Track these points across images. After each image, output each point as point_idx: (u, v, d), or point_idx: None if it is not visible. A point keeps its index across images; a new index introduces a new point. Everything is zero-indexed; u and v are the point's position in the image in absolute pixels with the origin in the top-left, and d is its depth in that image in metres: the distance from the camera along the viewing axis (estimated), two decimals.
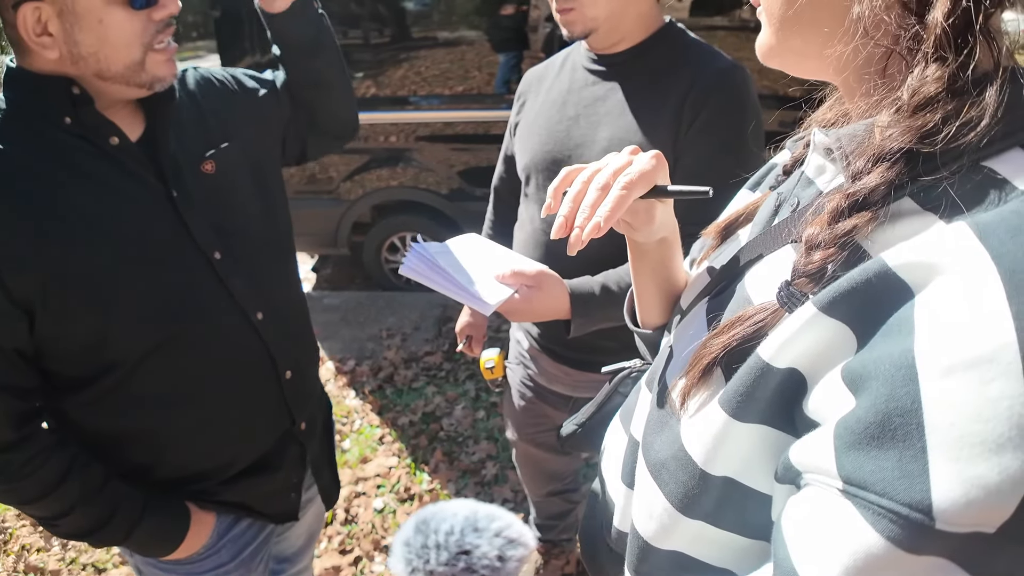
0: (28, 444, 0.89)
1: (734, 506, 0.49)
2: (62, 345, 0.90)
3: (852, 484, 0.37)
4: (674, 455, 0.52)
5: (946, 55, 0.41)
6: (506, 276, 1.05)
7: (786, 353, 0.43)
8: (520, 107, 1.40)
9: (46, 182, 0.85)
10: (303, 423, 1.16)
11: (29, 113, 0.87)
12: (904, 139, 0.41)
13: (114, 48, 0.85)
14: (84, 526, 0.96)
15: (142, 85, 0.90)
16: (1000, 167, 0.40)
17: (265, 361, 1.06)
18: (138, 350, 0.93)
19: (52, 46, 0.82)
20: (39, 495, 0.91)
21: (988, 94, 0.39)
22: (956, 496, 0.32)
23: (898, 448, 0.35)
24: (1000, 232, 0.36)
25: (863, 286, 0.39)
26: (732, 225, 0.67)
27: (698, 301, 0.63)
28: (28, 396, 0.90)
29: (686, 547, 0.53)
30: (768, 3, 0.51)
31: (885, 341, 0.37)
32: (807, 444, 0.41)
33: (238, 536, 1.14)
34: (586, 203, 0.58)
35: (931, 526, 0.33)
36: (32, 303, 0.84)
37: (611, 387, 0.85)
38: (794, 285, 0.46)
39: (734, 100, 1.11)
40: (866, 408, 0.37)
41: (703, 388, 0.51)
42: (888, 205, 0.43)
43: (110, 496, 0.96)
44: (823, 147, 0.52)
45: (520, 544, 0.94)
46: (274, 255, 1.11)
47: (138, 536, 0.99)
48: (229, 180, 1.04)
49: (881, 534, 0.34)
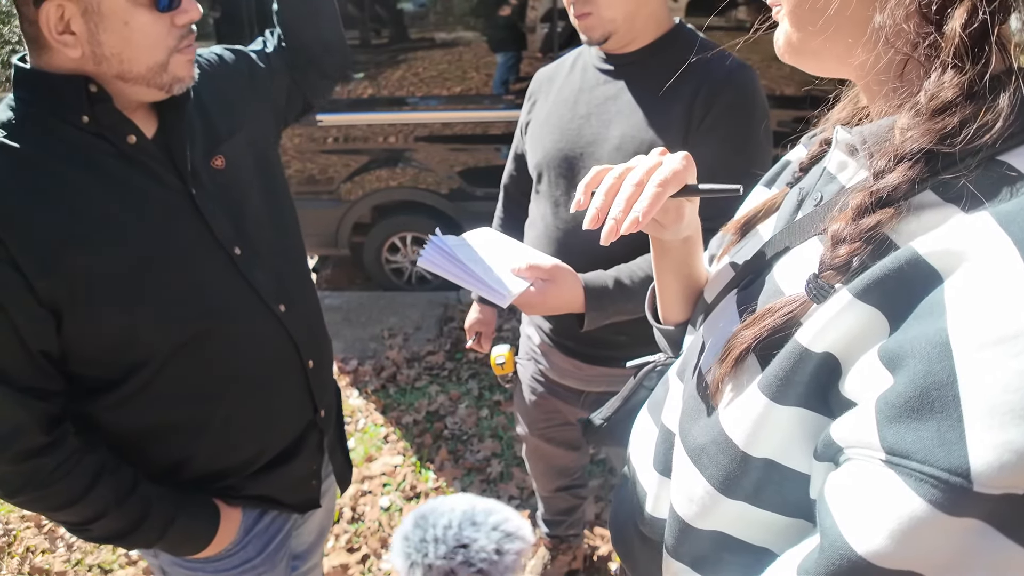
0: (59, 448, 0.89)
1: (773, 486, 0.51)
2: (89, 346, 0.90)
3: (895, 454, 0.39)
4: (714, 440, 0.54)
5: (963, 63, 0.43)
6: (522, 269, 1.06)
7: (823, 338, 0.46)
8: (531, 107, 1.42)
9: (66, 182, 0.85)
10: (323, 410, 1.18)
11: (44, 113, 0.86)
12: (924, 140, 0.44)
13: (138, 50, 0.85)
14: (118, 529, 0.96)
15: (162, 87, 0.90)
16: (1016, 161, 0.43)
17: (291, 352, 1.07)
18: (165, 349, 0.93)
19: (74, 45, 0.81)
20: (71, 500, 0.91)
21: (1002, 99, 0.43)
22: (990, 460, 0.35)
23: (936, 419, 0.37)
24: (1020, 219, 0.39)
25: (895, 273, 0.42)
26: (752, 221, 0.70)
27: (726, 294, 0.65)
28: (56, 399, 0.90)
29: (726, 527, 0.55)
30: (791, 7, 0.53)
31: (919, 323, 0.40)
32: (848, 420, 0.43)
33: (263, 530, 1.15)
34: (621, 197, 0.59)
35: (969, 489, 0.35)
36: (59, 305, 0.84)
37: (636, 381, 0.87)
38: (821, 278, 0.48)
39: (743, 99, 1.14)
40: (905, 383, 0.39)
41: (737, 376, 0.53)
42: (910, 200, 0.45)
43: (142, 497, 0.96)
44: (846, 144, 0.55)
45: (517, 537, 0.96)
46: (285, 245, 1.12)
47: (171, 536, 0.99)
48: (238, 173, 1.04)
49: (924, 498, 0.37)
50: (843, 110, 0.62)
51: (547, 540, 1.99)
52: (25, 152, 0.83)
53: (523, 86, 3.35)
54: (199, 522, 1.03)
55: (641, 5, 1.15)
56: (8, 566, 2.17)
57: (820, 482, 0.47)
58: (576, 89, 1.29)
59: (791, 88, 3.01)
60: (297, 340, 1.07)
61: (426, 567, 0.91)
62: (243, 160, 1.06)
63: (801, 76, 0.58)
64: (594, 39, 1.19)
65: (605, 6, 1.13)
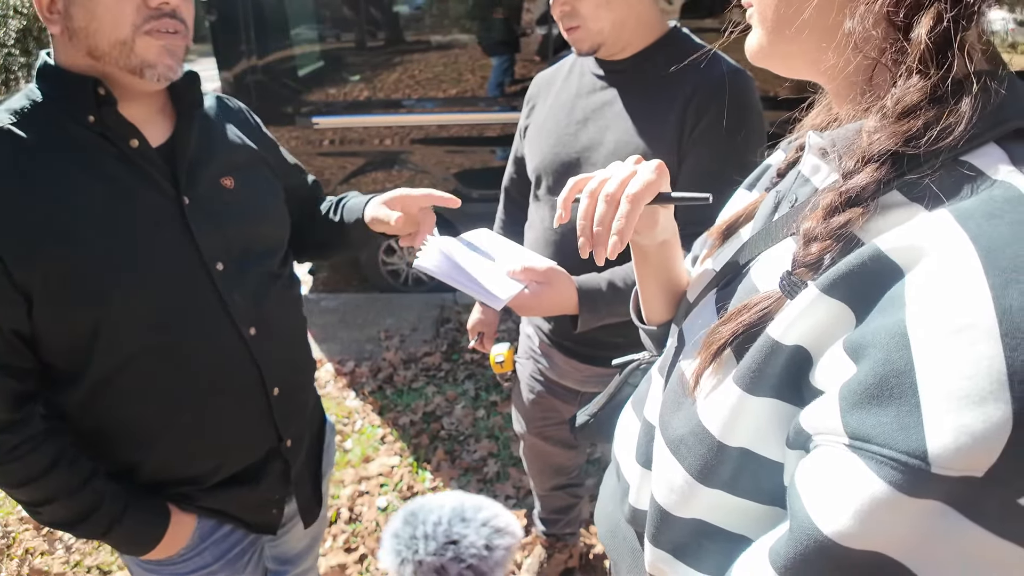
0: (23, 426, 0.91)
1: (749, 474, 0.53)
2: (55, 336, 0.91)
3: (857, 439, 0.41)
4: (692, 431, 0.56)
5: (927, 68, 0.46)
6: (516, 272, 1.08)
7: (793, 331, 0.48)
8: (530, 111, 1.44)
9: (62, 176, 0.87)
10: (289, 440, 1.16)
11: (56, 107, 0.90)
12: (890, 142, 0.47)
13: (101, 23, 0.86)
14: (65, 517, 0.97)
15: (132, 70, 0.89)
16: (976, 160, 0.45)
17: (253, 376, 1.06)
18: (127, 350, 0.94)
19: (56, 22, 0.87)
20: (24, 480, 0.93)
21: (964, 103, 0.45)
22: (947, 443, 0.37)
23: (895, 404, 0.39)
24: (977, 216, 0.41)
25: (859, 269, 0.44)
26: (733, 226, 0.72)
27: (706, 293, 0.67)
28: (25, 378, 0.91)
29: (705, 515, 0.57)
30: (763, 11, 0.55)
31: (880, 315, 0.42)
32: (815, 409, 0.46)
33: (222, 539, 1.14)
34: (598, 218, 0.64)
35: (927, 470, 0.37)
36: (31, 291, 0.86)
37: (621, 378, 0.89)
38: (795, 274, 0.51)
39: (735, 104, 1.14)
40: (866, 372, 0.41)
41: (715, 369, 0.55)
42: (877, 199, 0.48)
43: (93, 491, 0.97)
44: (818, 148, 0.57)
45: (507, 533, 0.97)
46: (277, 278, 1.12)
47: (117, 533, 0.99)
48: (246, 197, 1.06)
49: (884, 480, 0.39)
50: (817, 116, 0.64)
51: (544, 539, 2.01)
52: (28, 141, 0.87)
53: (518, 88, 3.38)
54: (147, 524, 1.03)
55: (629, 13, 1.16)
56: (7, 568, 2.18)
57: (792, 469, 0.49)
58: (573, 94, 1.31)
59: (787, 91, 3.01)
60: (261, 365, 1.06)
61: (416, 563, 0.92)
62: (256, 190, 1.09)
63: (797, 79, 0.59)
64: (584, 51, 1.21)
65: (591, 19, 1.15)
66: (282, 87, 3.40)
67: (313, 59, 3.43)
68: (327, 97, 3.44)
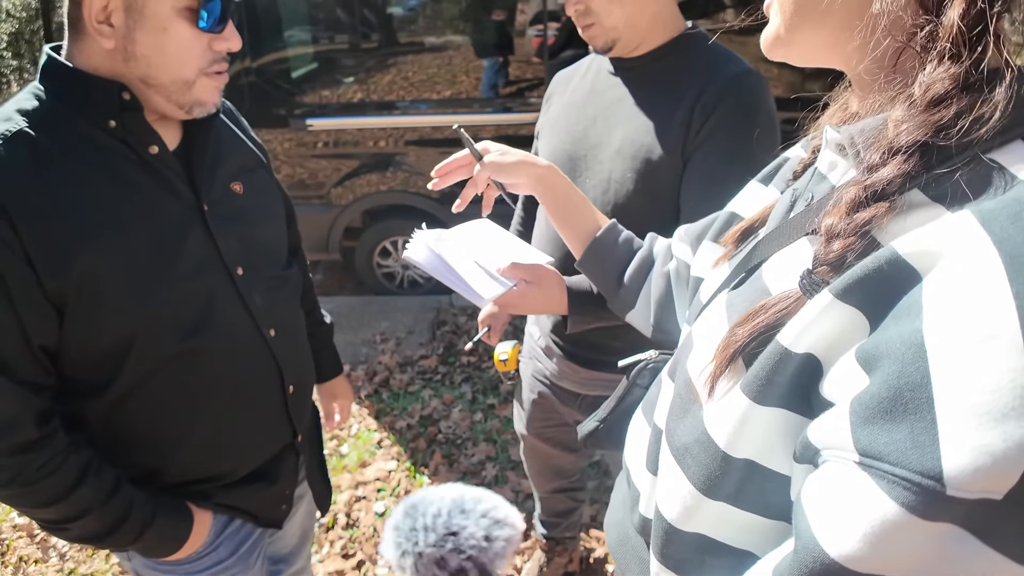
0: (48, 444, 0.89)
1: (755, 487, 0.51)
2: (86, 348, 0.90)
3: (868, 456, 0.39)
4: (697, 439, 0.54)
5: (960, 53, 0.43)
6: (504, 269, 1.07)
7: (804, 339, 0.46)
8: (547, 108, 1.45)
9: (84, 182, 0.85)
10: (301, 435, 1.20)
11: (71, 110, 0.86)
12: (919, 132, 0.43)
13: (168, 59, 0.86)
14: (96, 530, 0.95)
15: (182, 106, 0.90)
16: (1002, 158, 0.42)
17: (274, 376, 1.09)
18: (159, 358, 0.93)
19: (110, 36, 0.83)
20: (54, 498, 0.91)
21: (998, 91, 0.42)
22: (965, 463, 0.34)
23: (910, 420, 0.37)
24: (1001, 219, 0.38)
25: (875, 273, 0.41)
26: (749, 229, 0.70)
27: (718, 293, 0.66)
28: (47, 395, 0.90)
29: (709, 529, 0.55)
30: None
31: (896, 323, 0.40)
32: (824, 422, 0.43)
33: (234, 533, 1.16)
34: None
35: (942, 492, 0.35)
36: (65, 302, 0.85)
37: (629, 381, 0.87)
38: (816, 273, 0.48)
39: (744, 106, 1.12)
40: (879, 385, 0.39)
41: (729, 375, 0.53)
42: (904, 195, 0.44)
43: (123, 499, 0.96)
44: (835, 143, 0.55)
45: (507, 524, 0.96)
46: (284, 275, 1.15)
47: (147, 538, 0.99)
48: (255, 202, 1.08)
49: (896, 501, 0.36)
50: (833, 116, 0.62)
51: (543, 542, 1.99)
52: (47, 147, 0.84)
53: (513, 90, 3.37)
54: (174, 525, 1.03)
55: (643, 9, 1.15)
56: None
57: (800, 484, 0.46)
58: (587, 92, 1.31)
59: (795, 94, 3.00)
60: (282, 365, 1.09)
61: (416, 555, 0.92)
62: (262, 194, 1.11)
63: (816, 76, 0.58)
64: (599, 48, 1.21)
65: (604, 14, 1.15)
66: (276, 89, 3.37)
67: (307, 61, 3.41)
68: (321, 99, 3.42)
